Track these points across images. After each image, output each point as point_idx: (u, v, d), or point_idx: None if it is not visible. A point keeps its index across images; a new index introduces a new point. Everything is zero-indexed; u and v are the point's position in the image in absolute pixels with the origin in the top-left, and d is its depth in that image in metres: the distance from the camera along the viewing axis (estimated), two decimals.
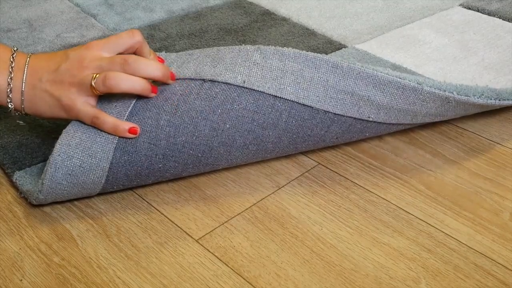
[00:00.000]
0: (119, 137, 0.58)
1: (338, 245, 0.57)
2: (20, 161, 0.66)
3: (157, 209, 0.61)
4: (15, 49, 0.61)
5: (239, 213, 0.60)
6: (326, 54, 0.87)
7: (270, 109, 0.60)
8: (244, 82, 0.60)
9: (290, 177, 0.65)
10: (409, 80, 0.60)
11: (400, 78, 0.60)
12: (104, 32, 0.95)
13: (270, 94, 0.60)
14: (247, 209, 0.61)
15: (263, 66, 0.61)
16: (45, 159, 0.66)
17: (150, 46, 0.68)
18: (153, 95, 0.60)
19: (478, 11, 1.01)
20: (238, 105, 0.60)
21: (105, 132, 0.58)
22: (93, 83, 0.57)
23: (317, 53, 0.87)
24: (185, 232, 0.58)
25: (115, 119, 0.58)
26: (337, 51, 0.88)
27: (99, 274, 0.54)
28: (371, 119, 0.62)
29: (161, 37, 0.93)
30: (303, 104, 0.60)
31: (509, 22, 0.97)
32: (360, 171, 0.66)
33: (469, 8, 1.02)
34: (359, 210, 0.61)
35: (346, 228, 0.58)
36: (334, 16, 1.00)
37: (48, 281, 0.53)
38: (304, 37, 0.93)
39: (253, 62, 0.61)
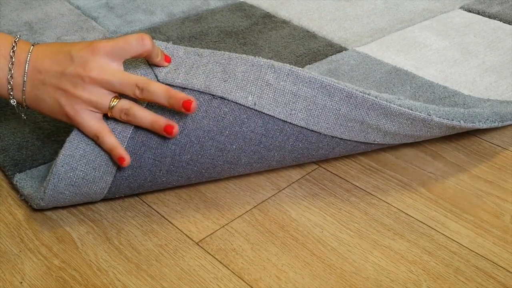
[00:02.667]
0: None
1: (338, 248, 0.56)
2: (20, 163, 0.66)
3: (157, 212, 0.61)
4: (16, 39, 0.58)
5: (240, 216, 0.60)
6: (327, 56, 0.88)
7: (278, 133, 0.59)
8: (255, 104, 0.58)
9: (290, 179, 0.65)
10: (419, 112, 0.60)
11: (411, 110, 0.60)
12: (105, 34, 0.95)
13: (280, 119, 0.59)
14: (247, 211, 0.61)
15: (275, 88, 0.59)
16: (45, 162, 0.66)
17: None
18: (168, 136, 0.57)
19: (478, 13, 1.01)
20: (247, 128, 0.59)
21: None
22: (111, 106, 0.56)
23: (318, 56, 0.88)
24: (186, 234, 0.58)
25: (114, 143, 0.57)
26: (337, 54, 0.88)
27: (99, 276, 0.54)
28: (376, 142, 0.63)
29: (161, 40, 0.93)
30: (312, 130, 0.60)
31: (510, 24, 0.98)
32: (360, 173, 0.66)
33: (470, 11, 1.02)
34: (359, 212, 0.61)
35: (346, 230, 0.58)
36: (334, 19, 1.00)
37: (48, 284, 0.53)
38: (305, 39, 0.93)
39: (266, 82, 0.59)
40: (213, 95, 0.58)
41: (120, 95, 0.57)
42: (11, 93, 0.58)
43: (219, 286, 0.53)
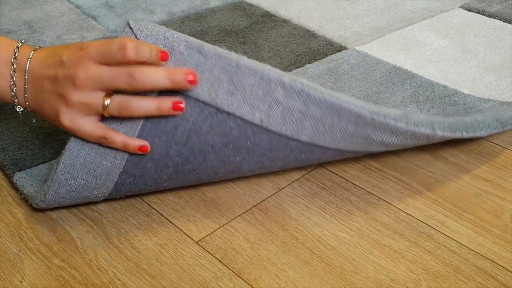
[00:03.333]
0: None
1: (338, 247, 0.56)
2: (20, 162, 0.66)
3: (157, 211, 0.61)
4: (19, 45, 0.58)
5: (240, 215, 0.60)
6: (327, 55, 0.88)
7: (283, 147, 0.59)
8: (262, 121, 0.57)
9: (290, 178, 0.65)
10: (425, 127, 0.60)
11: (417, 126, 0.59)
12: (105, 33, 0.95)
13: (286, 136, 0.58)
14: (247, 210, 0.61)
15: (284, 106, 0.57)
16: (45, 161, 0.66)
17: None
18: (179, 113, 0.55)
19: (478, 13, 1.01)
20: (252, 143, 0.58)
21: (110, 155, 0.56)
22: (105, 105, 0.54)
23: (318, 55, 0.88)
24: (185, 233, 0.58)
25: (124, 138, 0.55)
26: (337, 53, 0.88)
27: (99, 276, 0.54)
28: (378, 151, 0.63)
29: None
30: (317, 145, 0.59)
31: (510, 23, 0.98)
32: (360, 172, 0.66)
33: (470, 10, 1.02)
34: (359, 212, 0.61)
35: (346, 230, 0.58)
36: (334, 18, 1.00)
37: (48, 283, 0.53)
38: (305, 38, 0.93)
39: (275, 100, 0.57)
40: (218, 108, 0.56)
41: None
42: (15, 100, 0.58)
43: (219, 285, 0.53)
